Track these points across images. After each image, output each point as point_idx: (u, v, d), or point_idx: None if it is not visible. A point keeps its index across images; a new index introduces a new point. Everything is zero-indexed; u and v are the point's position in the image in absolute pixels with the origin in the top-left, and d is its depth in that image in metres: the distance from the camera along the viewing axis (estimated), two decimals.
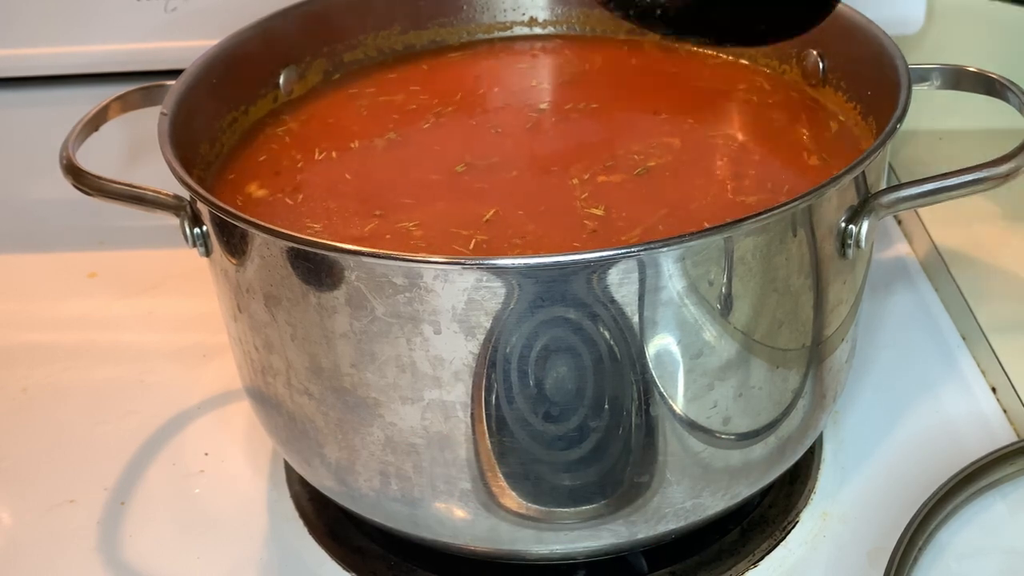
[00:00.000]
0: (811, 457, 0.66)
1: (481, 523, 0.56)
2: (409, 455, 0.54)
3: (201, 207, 0.56)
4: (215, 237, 0.56)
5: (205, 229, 0.56)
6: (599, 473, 0.54)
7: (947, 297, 0.77)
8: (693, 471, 0.55)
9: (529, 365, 0.50)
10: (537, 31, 0.76)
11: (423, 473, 0.55)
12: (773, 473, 0.60)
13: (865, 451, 0.66)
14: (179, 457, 0.69)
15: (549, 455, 0.53)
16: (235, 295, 0.56)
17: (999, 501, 0.62)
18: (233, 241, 0.54)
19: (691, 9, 0.65)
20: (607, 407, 0.52)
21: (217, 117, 0.66)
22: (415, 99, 0.70)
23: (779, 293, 0.53)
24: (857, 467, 0.65)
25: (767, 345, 0.54)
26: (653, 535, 0.57)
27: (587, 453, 0.53)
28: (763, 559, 0.61)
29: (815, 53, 0.67)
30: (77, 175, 0.58)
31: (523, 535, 0.56)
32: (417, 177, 0.63)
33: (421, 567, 0.62)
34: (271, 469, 0.68)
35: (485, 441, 0.53)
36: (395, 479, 0.56)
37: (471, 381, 0.51)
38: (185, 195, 0.57)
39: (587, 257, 0.48)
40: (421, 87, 0.72)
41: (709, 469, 0.56)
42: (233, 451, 0.69)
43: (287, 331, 0.54)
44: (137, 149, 0.85)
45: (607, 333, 0.50)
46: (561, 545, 0.57)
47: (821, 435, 0.67)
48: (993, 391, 0.69)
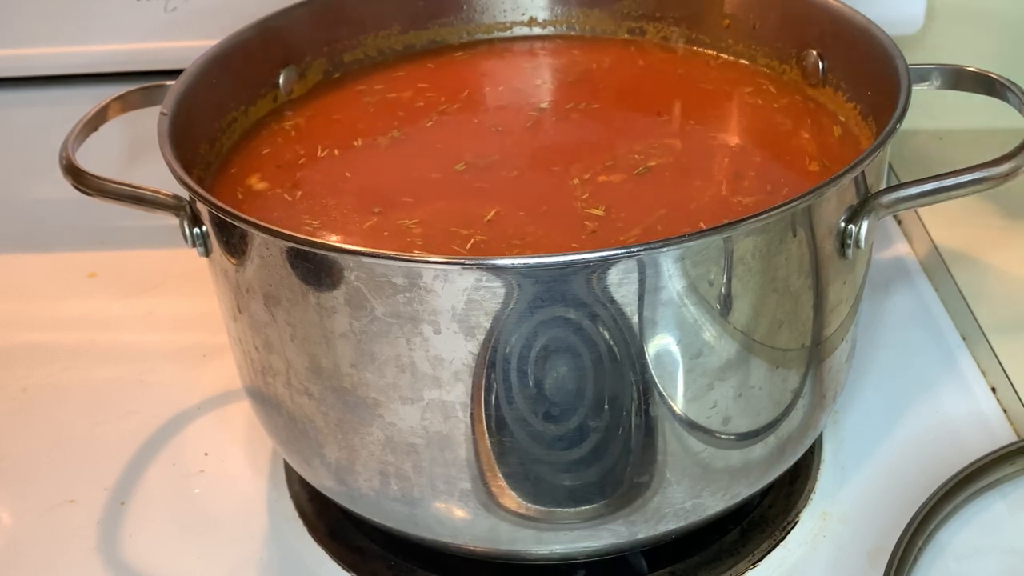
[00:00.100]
0: (811, 457, 0.66)
1: (481, 523, 0.56)
2: (409, 455, 0.54)
3: (201, 207, 0.56)
4: (215, 237, 0.56)
5: (205, 229, 0.56)
6: (599, 473, 0.54)
7: (947, 297, 0.77)
8: (693, 471, 0.55)
9: (529, 365, 0.50)
10: (537, 31, 0.76)
11: (423, 473, 0.55)
12: (773, 473, 0.59)
13: (865, 451, 0.66)
14: (179, 457, 0.69)
15: (549, 455, 0.53)
16: (235, 295, 0.56)
17: (999, 501, 0.62)
18: (233, 241, 0.54)
19: None
20: (607, 407, 0.52)
21: (217, 117, 0.66)
22: (422, 96, 0.70)
23: (779, 293, 0.53)
24: (857, 467, 0.65)
25: (767, 345, 0.54)
26: (653, 535, 0.57)
27: (587, 453, 0.53)
28: (763, 559, 0.61)
29: (815, 53, 0.67)
30: (77, 175, 0.58)
31: (523, 535, 0.56)
32: (417, 176, 0.63)
33: (421, 567, 0.62)
34: (271, 469, 0.68)
35: (485, 441, 0.53)
36: (395, 479, 0.56)
37: (471, 381, 0.51)
38: (185, 195, 0.57)
39: (587, 257, 0.48)
40: (430, 84, 0.72)
41: (709, 469, 0.56)
42: (233, 451, 0.69)
43: (287, 331, 0.54)
44: (137, 149, 0.85)
45: (607, 333, 0.50)
46: (561, 545, 0.57)
47: (821, 435, 0.67)
48: (993, 391, 0.69)
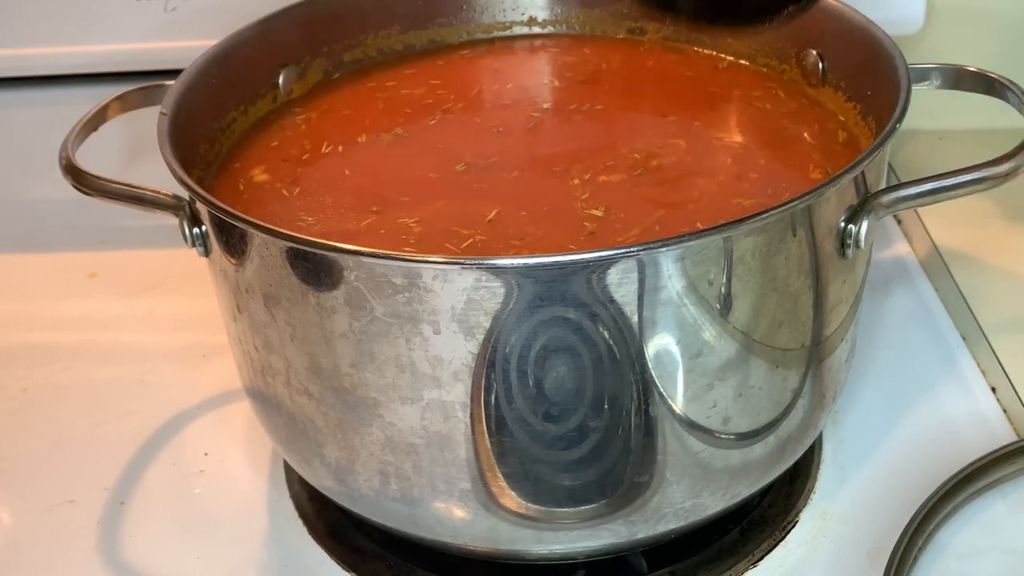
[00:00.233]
0: (811, 457, 0.65)
1: (481, 523, 0.56)
2: (409, 455, 0.54)
3: (200, 207, 0.56)
4: (214, 237, 0.56)
5: (204, 229, 0.56)
6: (599, 473, 0.54)
7: (947, 297, 0.77)
8: (693, 471, 0.55)
9: (529, 365, 0.50)
10: (536, 31, 0.76)
11: (423, 473, 0.55)
12: (773, 473, 0.59)
13: (865, 451, 0.66)
14: (179, 457, 0.69)
15: (549, 455, 0.53)
16: (235, 295, 0.56)
17: (999, 501, 0.62)
18: (232, 241, 0.54)
19: None
20: (607, 407, 0.52)
21: (217, 117, 0.66)
22: (433, 93, 0.70)
23: (779, 293, 0.53)
24: (857, 467, 0.65)
25: (767, 345, 0.54)
26: (653, 535, 0.57)
27: (587, 453, 0.53)
28: (763, 559, 0.61)
29: (815, 53, 0.67)
30: (77, 175, 0.58)
31: (523, 535, 0.56)
32: (417, 175, 0.63)
33: (421, 567, 0.62)
34: (271, 469, 0.68)
35: (485, 441, 0.53)
36: (395, 479, 0.55)
37: (470, 381, 0.51)
38: (184, 195, 0.57)
39: (586, 257, 0.48)
40: (441, 81, 0.72)
41: (709, 469, 0.55)
42: (233, 451, 0.69)
43: (287, 331, 0.54)
44: (137, 149, 0.85)
45: (606, 333, 0.50)
46: (561, 545, 0.57)
47: (821, 435, 0.67)
48: (993, 391, 0.69)
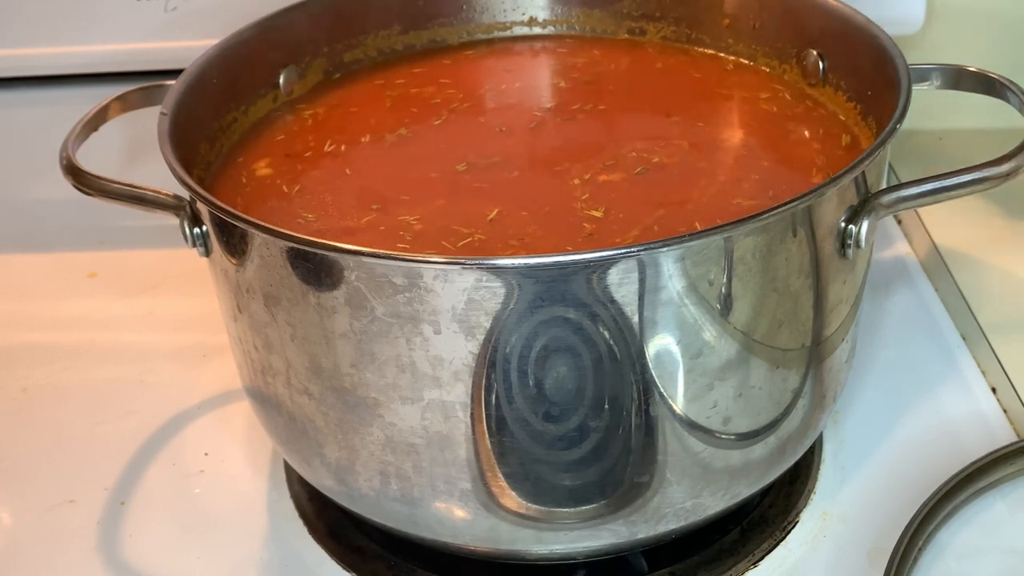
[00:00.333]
0: (811, 457, 0.65)
1: (481, 523, 0.56)
2: (409, 455, 0.54)
3: (201, 207, 0.56)
4: (215, 237, 0.56)
5: (205, 229, 0.56)
6: (599, 473, 0.54)
7: (947, 297, 0.77)
8: (693, 471, 0.55)
9: (529, 365, 0.50)
10: (537, 31, 0.76)
11: (423, 473, 0.55)
12: (773, 473, 0.59)
13: (865, 451, 0.66)
14: (179, 457, 0.69)
15: (549, 455, 0.53)
16: (235, 295, 0.56)
17: (999, 501, 0.62)
18: (233, 241, 0.54)
19: None
20: (607, 407, 0.52)
21: (217, 117, 0.66)
22: (442, 92, 0.71)
23: (779, 293, 0.53)
24: (857, 467, 0.65)
25: (767, 345, 0.54)
26: (653, 535, 0.57)
27: (587, 453, 0.53)
28: (763, 559, 0.61)
29: (815, 53, 0.67)
30: (77, 175, 0.58)
31: (523, 535, 0.56)
32: (418, 174, 0.63)
33: (421, 567, 0.62)
34: (271, 469, 0.68)
35: (485, 441, 0.53)
36: (395, 479, 0.55)
37: (471, 381, 0.51)
38: (185, 195, 0.57)
39: (587, 257, 0.48)
40: (451, 80, 0.72)
41: (709, 469, 0.55)
42: (233, 451, 0.69)
43: (287, 331, 0.54)
44: (137, 149, 0.85)
45: (607, 333, 0.50)
46: (561, 545, 0.57)
47: (821, 435, 0.67)
48: (993, 391, 0.69)
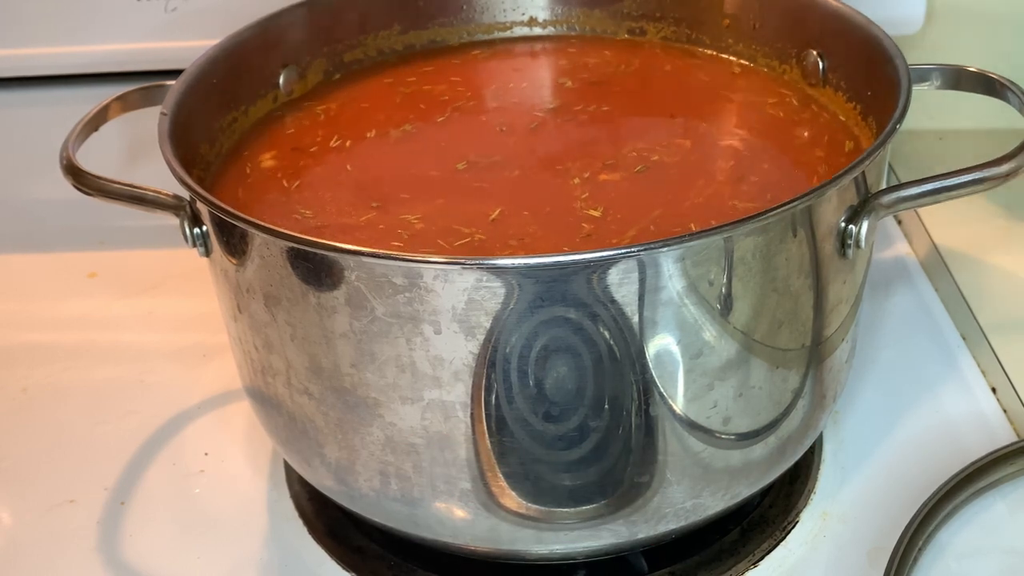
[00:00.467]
0: (811, 457, 0.65)
1: (481, 523, 0.56)
2: (409, 455, 0.54)
3: (201, 207, 0.56)
4: (215, 237, 0.56)
5: (205, 229, 0.56)
6: (599, 473, 0.54)
7: (947, 297, 0.77)
8: (693, 471, 0.55)
9: (529, 365, 0.50)
10: (537, 31, 0.76)
11: (423, 473, 0.55)
12: (773, 473, 0.59)
13: (865, 451, 0.66)
14: (179, 457, 0.69)
15: (549, 455, 0.53)
16: (235, 295, 0.56)
17: (999, 501, 0.62)
18: (233, 241, 0.54)
19: None
20: (607, 407, 0.52)
21: (217, 117, 0.66)
22: (452, 91, 0.71)
23: (779, 293, 0.53)
24: (857, 467, 0.65)
25: (767, 345, 0.54)
26: (653, 535, 0.57)
27: (587, 453, 0.53)
28: (763, 559, 0.61)
29: (815, 53, 0.67)
30: (77, 175, 0.58)
31: (523, 535, 0.56)
32: (418, 172, 0.63)
33: (421, 567, 0.62)
34: (271, 469, 0.68)
35: (485, 441, 0.53)
36: (395, 479, 0.55)
37: (471, 381, 0.51)
38: (185, 195, 0.57)
39: (587, 257, 0.48)
40: (461, 78, 0.72)
41: (709, 469, 0.56)
42: (233, 451, 0.69)
43: (287, 331, 0.54)
44: (137, 149, 0.85)
45: (607, 333, 0.50)
46: (561, 545, 0.57)
47: (821, 435, 0.67)
48: (993, 391, 0.69)
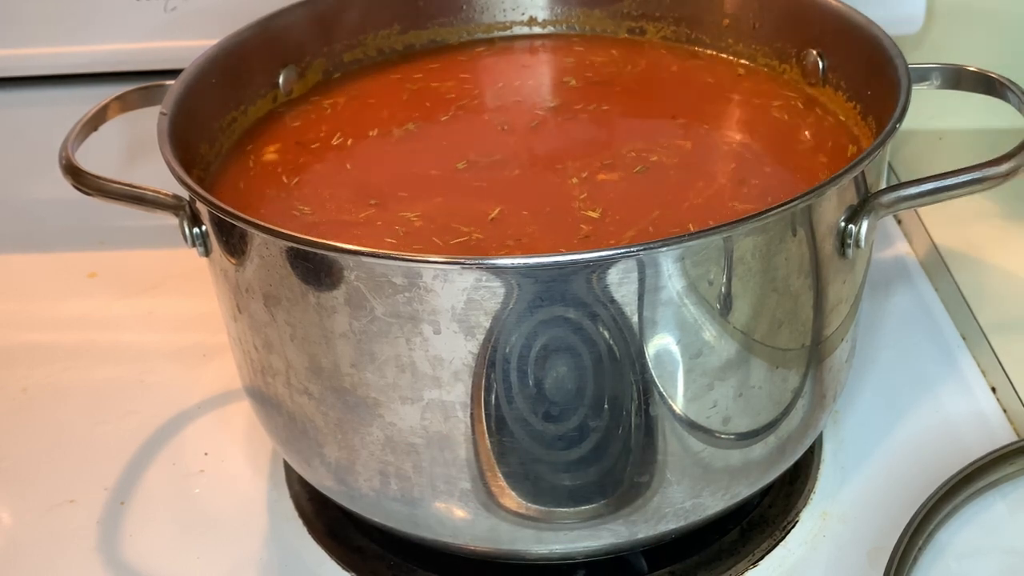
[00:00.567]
0: (811, 457, 0.65)
1: (481, 523, 0.56)
2: (409, 455, 0.54)
3: (200, 207, 0.56)
4: (214, 237, 0.56)
5: (204, 229, 0.56)
6: (599, 473, 0.54)
7: (947, 297, 0.77)
8: (693, 471, 0.55)
9: (529, 365, 0.50)
10: (536, 31, 0.76)
11: (423, 473, 0.55)
12: (773, 473, 0.59)
13: (865, 451, 0.66)
14: (179, 457, 0.69)
15: (549, 455, 0.53)
16: (235, 295, 0.56)
17: (999, 501, 0.62)
18: (232, 241, 0.54)
19: None
20: (607, 407, 0.52)
21: (217, 117, 0.66)
22: (459, 88, 0.71)
23: (779, 293, 0.53)
24: (857, 467, 0.65)
25: (767, 345, 0.54)
26: (653, 535, 0.57)
27: (587, 453, 0.53)
28: (763, 559, 0.61)
29: (815, 53, 0.67)
30: (77, 175, 0.58)
31: (523, 535, 0.56)
32: (418, 171, 0.63)
33: (421, 567, 0.62)
34: (271, 469, 0.68)
35: (485, 441, 0.53)
36: (395, 479, 0.55)
37: (471, 381, 0.51)
38: (184, 195, 0.57)
39: (587, 257, 0.48)
40: (470, 76, 0.72)
41: (709, 469, 0.55)
42: (233, 451, 0.69)
43: (287, 331, 0.54)
44: (137, 149, 0.85)
45: (607, 333, 0.50)
46: (561, 545, 0.57)
47: (821, 435, 0.67)
48: (993, 391, 0.69)
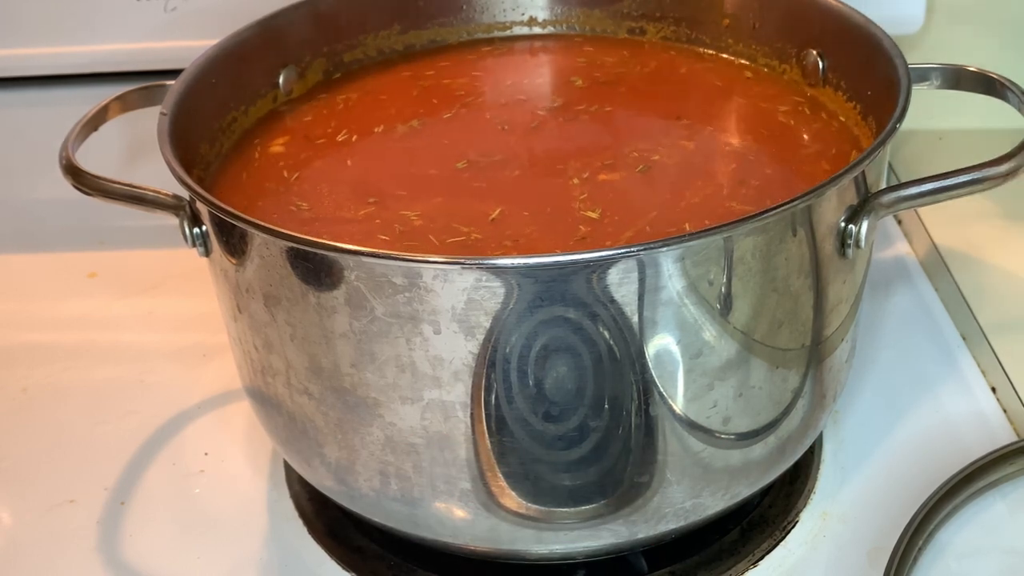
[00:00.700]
0: (811, 457, 0.65)
1: (481, 523, 0.56)
2: (409, 455, 0.54)
3: (200, 207, 0.56)
4: (214, 237, 0.56)
5: (204, 229, 0.56)
6: (599, 473, 0.54)
7: (947, 297, 0.77)
8: (693, 471, 0.55)
9: (529, 365, 0.50)
10: (536, 31, 0.76)
11: (423, 473, 0.55)
12: (773, 473, 0.59)
13: (865, 451, 0.66)
14: (179, 457, 0.69)
15: (549, 455, 0.53)
16: (235, 295, 0.56)
17: (999, 501, 0.62)
18: (232, 241, 0.54)
19: None
20: (607, 407, 0.52)
21: (217, 117, 0.66)
22: (470, 85, 0.71)
23: (779, 293, 0.53)
24: (857, 467, 0.65)
25: (767, 345, 0.54)
26: (653, 535, 0.57)
27: (587, 453, 0.53)
28: (763, 559, 0.61)
29: (815, 53, 0.67)
30: (77, 175, 0.58)
31: (523, 535, 0.56)
32: (418, 170, 0.63)
33: (421, 567, 0.62)
34: (271, 469, 0.68)
35: (485, 441, 0.53)
36: (395, 479, 0.55)
37: (471, 381, 0.51)
38: (185, 195, 0.57)
39: (587, 257, 0.48)
40: (483, 73, 0.72)
41: (709, 469, 0.56)
42: (233, 451, 0.69)
43: (287, 331, 0.54)
44: (137, 149, 0.85)
45: (607, 333, 0.50)
46: (561, 545, 0.57)
47: (821, 435, 0.67)
48: (993, 391, 0.69)
